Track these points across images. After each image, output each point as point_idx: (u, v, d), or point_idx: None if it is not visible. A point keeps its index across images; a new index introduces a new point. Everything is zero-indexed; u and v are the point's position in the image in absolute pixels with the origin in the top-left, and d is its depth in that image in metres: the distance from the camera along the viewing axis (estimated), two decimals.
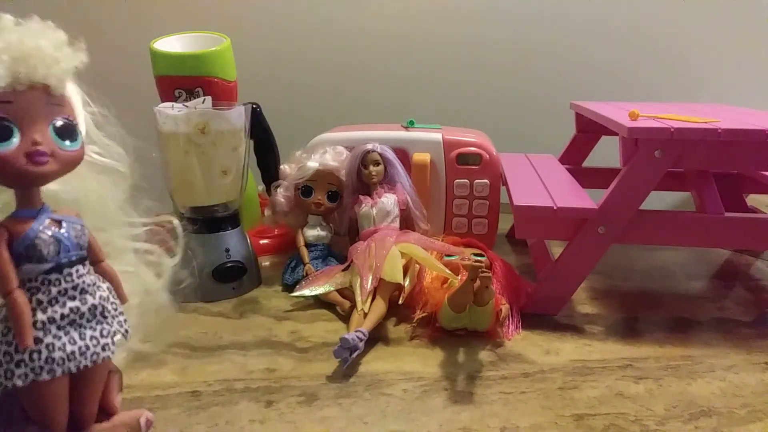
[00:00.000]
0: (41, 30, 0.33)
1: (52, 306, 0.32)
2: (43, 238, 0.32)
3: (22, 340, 0.30)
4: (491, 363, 0.63)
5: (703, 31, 1.20)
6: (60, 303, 0.32)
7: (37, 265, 0.32)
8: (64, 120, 0.33)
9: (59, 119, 0.32)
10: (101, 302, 0.34)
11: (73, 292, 0.33)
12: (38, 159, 0.31)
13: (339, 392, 0.56)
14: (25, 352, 0.31)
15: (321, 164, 0.82)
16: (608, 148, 0.91)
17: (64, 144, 0.32)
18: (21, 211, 0.32)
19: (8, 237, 0.31)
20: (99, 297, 0.34)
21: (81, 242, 0.34)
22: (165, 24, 0.96)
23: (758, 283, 0.89)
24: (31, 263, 0.31)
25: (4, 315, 0.31)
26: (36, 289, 0.32)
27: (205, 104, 0.75)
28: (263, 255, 0.93)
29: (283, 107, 1.01)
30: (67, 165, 0.33)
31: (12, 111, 0.30)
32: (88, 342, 0.33)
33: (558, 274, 0.72)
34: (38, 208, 0.33)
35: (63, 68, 0.33)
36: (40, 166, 0.31)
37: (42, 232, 0.32)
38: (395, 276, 0.68)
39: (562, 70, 1.23)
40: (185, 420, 0.51)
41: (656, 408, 0.54)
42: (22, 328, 0.30)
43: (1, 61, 0.30)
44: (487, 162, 0.88)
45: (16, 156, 0.30)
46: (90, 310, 0.33)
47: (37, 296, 0.32)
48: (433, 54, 1.23)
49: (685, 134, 0.64)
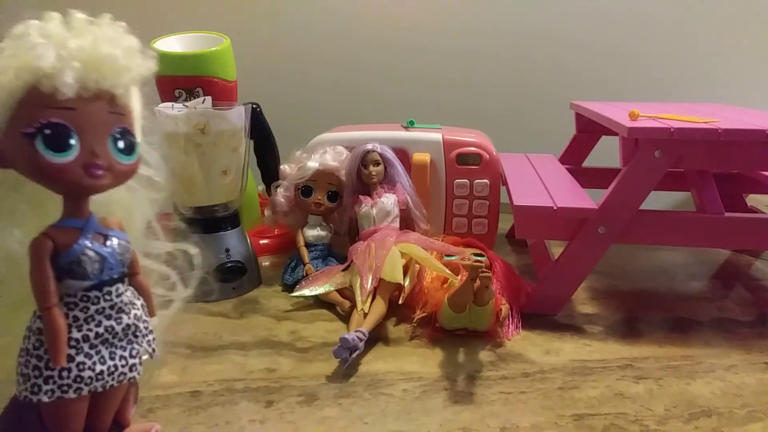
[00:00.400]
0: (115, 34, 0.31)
1: (87, 324, 0.31)
2: (89, 254, 0.30)
3: (56, 360, 0.30)
4: (491, 363, 0.63)
5: (703, 31, 1.20)
6: (96, 321, 0.31)
7: (79, 282, 0.31)
8: (124, 132, 0.31)
9: (119, 131, 0.31)
10: (135, 322, 0.33)
11: (110, 311, 0.32)
12: (95, 172, 0.30)
13: (339, 392, 0.56)
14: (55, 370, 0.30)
15: (321, 164, 0.82)
16: (608, 148, 0.91)
17: (121, 157, 0.31)
18: (68, 221, 0.31)
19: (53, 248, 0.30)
20: (133, 316, 0.33)
21: (124, 259, 0.33)
22: (165, 24, 0.96)
23: (758, 283, 0.89)
24: (73, 279, 0.30)
25: (38, 327, 0.30)
26: (74, 305, 0.31)
27: (205, 104, 0.75)
28: (263, 255, 0.93)
29: (283, 107, 1.01)
30: (121, 178, 0.32)
31: (74, 119, 0.29)
32: (118, 362, 0.32)
33: (558, 274, 0.72)
34: (86, 218, 0.31)
35: (132, 77, 0.31)
36: (96, 179, 0.30)
37: (88, 248, 0.31)
38: (395, 276, 0.68)
39: (562, 70, 1.23)
40: (185, 420, 0.51)
41: (656, 408, 0.54)
42: (58, 347, 0.30)
43: (72, 67, 0.28)
44: (487, 162, 0.88)
45: (74, 167, 0.29)
46: (124, 329, 0.33)
47: (74, 312, 0.31)
48: (433, 54, 1.23)
49: (685, 134, 0.64)
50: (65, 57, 0.28)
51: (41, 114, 0.28)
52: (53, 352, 0.30)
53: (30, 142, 0.28)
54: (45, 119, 0.28)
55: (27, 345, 0.31)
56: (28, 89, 0.28)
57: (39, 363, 0.30)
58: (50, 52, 0.28)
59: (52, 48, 0.28)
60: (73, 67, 0.28)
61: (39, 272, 0.29)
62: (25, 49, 0.28)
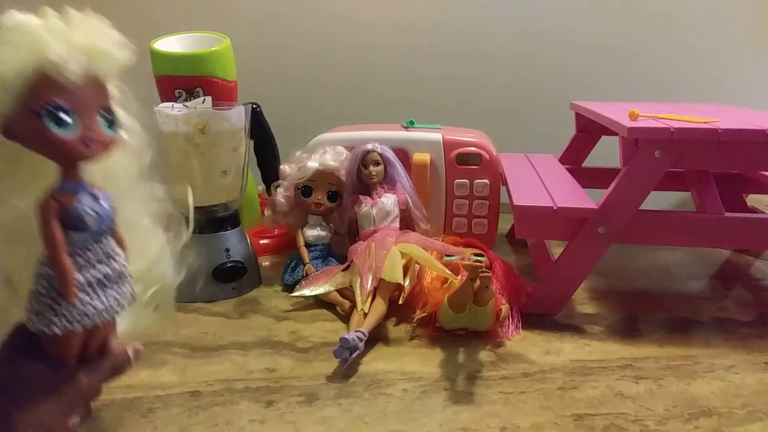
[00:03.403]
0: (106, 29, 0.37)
1: (87, 270, 0.37)
2: (88, 211, 0.36)
3: (67, 296, 0.35)
4: (491, 363, 0.63)
5: (703, 30, 1.20)
6: (93, 267, 0.37)
7: (81, 234, 0.36)
8: (108, 110, 0.37)
9: (104, 109, 0.37)
10: (122, 268, 0.39)
11: (104, 258, 0.38)
12: (91, 144, 0.36)
13: (339, 392, 0.56)
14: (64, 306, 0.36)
15: (321, 164, 0.82)
16: (608, 148, 0.91)
17: (108, 131, 0.37)
18: (65, 185, 0.36)
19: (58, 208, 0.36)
20: (121, 263, 0.39)
21: (112, 215, 0.39)
22: (165, 24, 0.96)
23: (758, 283, 0.89)
24: (75, 232, 0.36)
25: (47, 272, 0.36)
26: (76, 254, 0.36)
27: (205, 104, 0.75)
28: (263, 255, 0.93)
29: (283, 107, 1.01)
30: (109, 148, 0.38)
31: (73, 100, 0.35)
32: (111, 301, 0.38)
33: (558, 274, 0.72)
34: (80, 183, 0.37)
35: (118, 65, 0.38)
36: (92, 150, 0.36)
37: (87, 205, 0.37)
38: (395, 276, 0.68)
39: (562, 70, 1.23)
40: (185, 420, 0.51)
41: (656, 408, 0.54)
42: (68, 284, 0.35)
43: (77, 59, 0.34)
44: (487, 162, 0.88)
45: (75, 141, 0.35)
46: (115, 274, 0.38)
47: (76, 258, 0.36)
48: (433, 54, 1.23)
49: (685, 134, 0.64)
50: (72, 51, 0.34)
51: (48, 95, 0.34)
52: (65, 290, 0.35)
53: (39, 119, 0.34)
54: (51, 99, 0.34)
55: (38, 288, 0.36)
56: (36, 75, 0.34)
57: (51, 302, 0.36)
58: (60, 46, 0.34)
59: (61, 42, 0.34)
60: (78, 59, 0.34)
61: (49, 228, 0.35)
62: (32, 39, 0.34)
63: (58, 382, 0.38)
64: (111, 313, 0.38)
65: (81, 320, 0.37)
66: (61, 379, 0.38)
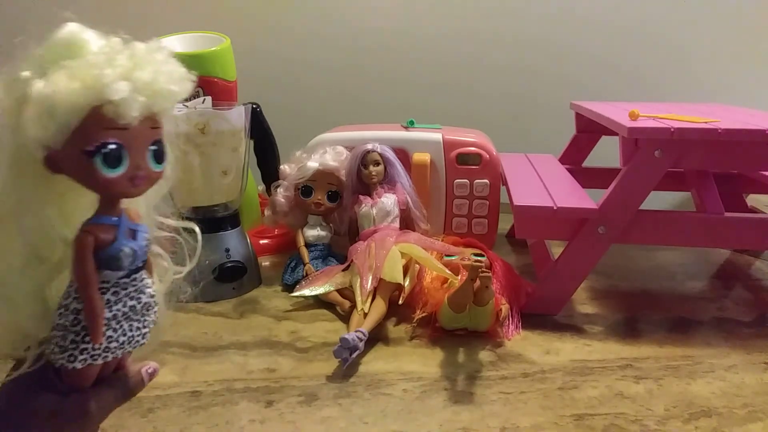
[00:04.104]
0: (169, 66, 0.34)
1: (116, 305, 0.36)
2: (126, 251, 0.35)
3: (95, 339, 0.35)
4: (491, 363, 0.63)
5: (703, 31, 1.20)
6: (123, 302, 0.36)
7: (115, 273, 0.35)
8: (158, 143, 0.36)
9: (156, 142, 0.35)
10: (149, 299, 0.39)
11: (134, 293, 0.37)
12: (138, 183, 0.34)
13: (339, 392, 0.56)
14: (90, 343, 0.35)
15: (321, 164, 0.82)
16: (608, 148, 0.91)
17: (156, 166, 0.36)
18: (105, 218, 0.35)
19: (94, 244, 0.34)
20: (148, 294, 0.38)
21: (147, 250, 0.38)
22: (165, 24, 0.96)
23: (758, 283, 0.89)
24: (110, 270, 0.35)
25: (75, 307, 0.35)
26: (107, 290, 0.36)
27: (205, 104, 0.75)
28: (263, 255, 0.93)
29: (283, 107, 1.01)
30: (153, 183, 0.36)
31: (125, 137, 0.33)
32: (135, 333, 0.38)
33: (558, 274, 0.72)
34: (119, 216, 0.36)
35: (176, 100, 0.36)
36: (139, 188, 0.35)
37: (124, 245, 0.35)
38: (395, 276, 0.68)
39: (562, 70, 1.23)
40: (185, 420, 0.51)
41: (656, 408, 0.54)
42: (98, 328, 0.35)
43: (137, 101, 0.32)
44: (487, 162, 0.88)
45: (123, 180, 0.33)
46: (142, 306, 0.38)
47: (107, 296, 0.36)
48: (433, 54, 1.23)
49: (685, 134, 0.64)
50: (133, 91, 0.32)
51: (101, 135, 0.32)
52: (94, 331, 0.35)
53: (89, 158, 0.32)
54: (104, 139, 0.32)
55: (64, 321, 0.35)
56: (90, 110, 0.31)
57: (76, 338, 0.35)
58: (123, 86, 0.31)
59: (123, 81, 0.31)
60: (139, 101, 0.32)
61: (84, 266, 0.34)
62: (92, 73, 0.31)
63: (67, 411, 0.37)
64: (133, 345, 0.38)
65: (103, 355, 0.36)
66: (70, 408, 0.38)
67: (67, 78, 0.31)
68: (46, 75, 0.31)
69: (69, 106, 0.31)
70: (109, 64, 0.32)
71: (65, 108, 0.31)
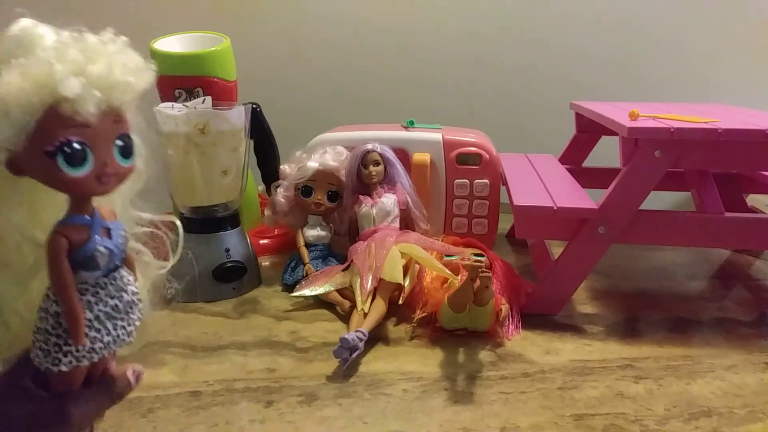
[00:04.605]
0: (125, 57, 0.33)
1: (97, 305, 0.35)
2: (101, 250, 0.34)
3: (77, 341, 0.34)
4: (491, 363, 0.63)
5: (703, 30, 1.20)
6: (104, 302, 0.35)
7: (92, 273, 0.34)
8: (124, 137, 0.34)
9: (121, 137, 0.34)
10: (132, 297, 0.37)
11: (115, 292, 0.36)
12: (106, 181, 0.33)
13: (339, 392, 0.56)
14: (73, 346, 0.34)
15: (321, 164, 0.82)
16: (608, 148, 0.91)
17: (123, 161, 0.34)
18: (77, 218, 0.34)
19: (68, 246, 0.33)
20: (131, 292, 0.37)
21: (125, 247, 0.36)
22: (165, 24, 0.96)
23: (758, 283, 0.89)
24: (86, 271, 0.34)
25: (55, 311, 0.34)
26: (86, 291, 0.35)
27: (205, 104, 0.75)
28: (263, 255, 0.93)
29: (283, 107, 1.01)
30: (123, 180, 0.35)
31: (87, 135, 0.31)
32: (119, 332, 0.37)
33: (558, 274, 0.72)
34: (92, 215, 0.34)
35: (137, 92, 0.34)
36: (107, 186, 0.33)
37: (99, 244, 0.34)
38: (395, 276, 0.68)
39: (562, 70, 1.23)
40: (185, 420, 0.51)
41: (656, 408, 0.54)
42: (79, 330, 0.34)
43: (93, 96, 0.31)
44: (487, 162, 0.88)
45: (89, 179, 0.32)
46: (124, 305, 0.37)
47: (86, 297, 0.34)
48: (433, 54, 1.23)
49: (685, 134, 0.64)
50: (87, 85, 0.31)
51: (61, 134, 0.30)
52: (75, 334, 0.34)
53: (51, 159, 0.31)
54: (65, 137, 0.31)
55: (45, 325, 0.35)
56: (46, 109, 0.30)
57: (59, 341, 0.34)
58: (75, 82, 0.30)
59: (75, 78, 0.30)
60: (94, 95, 0.31)
61: (58, 268, 0.33)
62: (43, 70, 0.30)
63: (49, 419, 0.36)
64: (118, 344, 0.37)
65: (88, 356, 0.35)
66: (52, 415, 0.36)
67: (20, 77, 0.30)
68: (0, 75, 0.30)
69: (23, 107, 0.30)
70: (59, 60, 0.30)
71: (19, 109, 0.30)
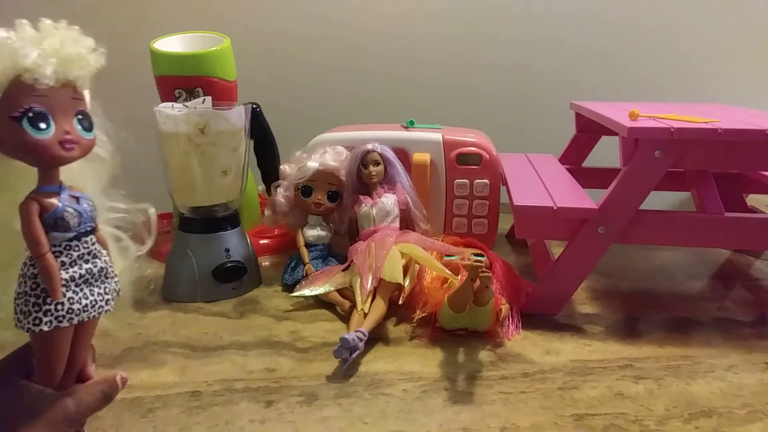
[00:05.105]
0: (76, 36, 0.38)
1: (72, 267, 0.38)
2: (69, 211, 0.38)
3: (54, 294, 0.37)
4: (491, 363, 0.63)
5: (703, 31, 1.20)
6: (78, 265, 0.39)
7: (63, 234, 0.38)
8: (83, 113, 0.39)
9: (80, 112, 0.39)
10: (105, 265, 0.41)
11: (88, 256, 0.39)
12: (69, 146, 0.37)
13: (339, 392, 0.56)
14: (52, 304, 0.37)
15: (321, 164, 0.82)
16: (608, 148, 0.91)
17: (84, 134, 0.39)
18: (46, 187, 0.38)
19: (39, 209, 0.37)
20: (104, 260, 0.40)
21: (93, 215, 0.40)
22: (165, 24, 0.96)
23: (758, 283, 0.89)
24: (58, 232, 0.38)
25: (32, 272, 0.37)
26: (60, 253, 0.38)
27: (205, 104, 0.75)
28: (263, 255, 0.93)
29: (283, 107, 1.01)
30: (85, 151, 0.39)
31: (48, 104, 0.36)
32: (96, 297, 0.40)
33: (558, 274, 0.72)
34: (59, 185, 0.38)
35: (90, 70, 0.39)
36: (70, 152, 0.37)
37: (68, 206, 0.38)
38: (395, 276, 0.68)
39: (562, 70, 1.23)
40: (185, 420, 0.51)
41: (656, 408, 0.54)
42: (55, 283, 0.37)
43: (51, 63, 0.36)
44: (487, 162, 0.88)
45: (53, 143, 0.36)
46: (99, 271, 0.40)
47: (61, 258, 0.38)
48: (433, 54, 1.23)
49: (685, 134, 0.64)
50: (43, 55, 0.36)
51: (25, 101, 0.35)
52: (51, 288, 0.37)
53: (17, 124, 0.35)
54: (28, 105, 0.35)
55: (24, 288, 0.37)
56: (11, 81, 0.35)
57: (38, 300, 0.37)
58: (33, 51, 0.35)
59: (33, 48, 0.35)
60: (51, 63, 0.36)
61: (31, 228, 0.37)
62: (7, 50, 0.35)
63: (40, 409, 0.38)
64: (97, 310, 0.40)
65: (68, 317, 0.38)
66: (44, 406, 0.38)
67: None
68: None
69: None
70: (18, 37, 0.36)
71: None
